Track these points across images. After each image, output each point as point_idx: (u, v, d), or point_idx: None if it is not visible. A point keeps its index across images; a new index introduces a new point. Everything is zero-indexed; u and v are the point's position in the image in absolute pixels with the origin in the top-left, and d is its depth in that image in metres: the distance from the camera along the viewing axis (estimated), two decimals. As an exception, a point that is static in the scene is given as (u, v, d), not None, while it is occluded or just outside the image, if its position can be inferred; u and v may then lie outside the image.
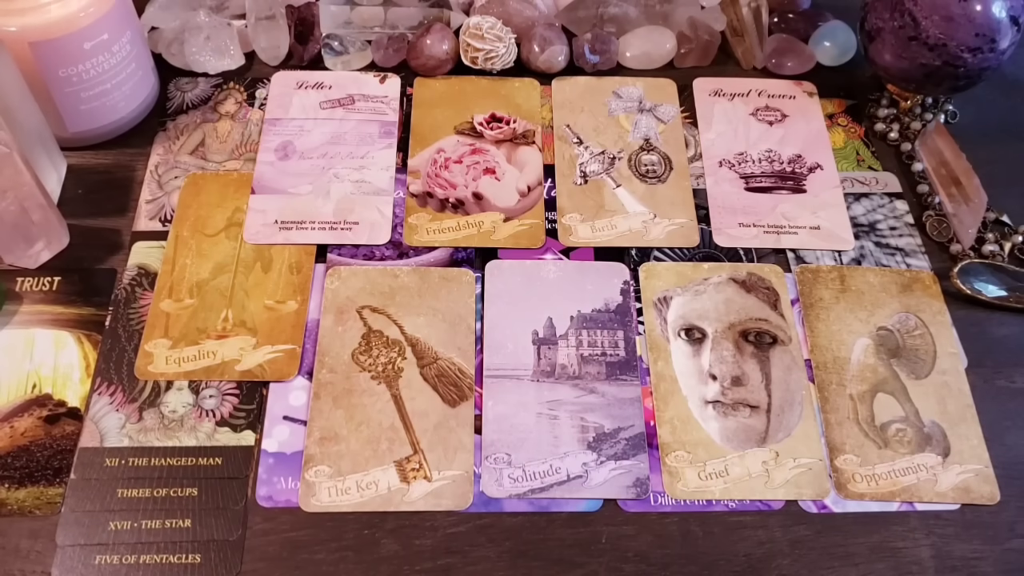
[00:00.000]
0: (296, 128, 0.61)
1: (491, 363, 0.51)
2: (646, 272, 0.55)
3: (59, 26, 0.52)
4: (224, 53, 0.64)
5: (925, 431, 0.50)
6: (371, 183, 0.59)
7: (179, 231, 0.56)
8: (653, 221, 0.58)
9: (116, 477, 0.47)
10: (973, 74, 0.58)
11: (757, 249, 0.57)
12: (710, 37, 0.67)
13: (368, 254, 0.56)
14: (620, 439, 0.49)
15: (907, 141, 0.63)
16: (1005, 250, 0.58)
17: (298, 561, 0.45)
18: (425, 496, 0.47)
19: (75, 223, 0.55)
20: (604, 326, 0.53)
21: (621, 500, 0.47)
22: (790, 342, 0.53)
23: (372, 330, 0.52)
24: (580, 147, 0.62)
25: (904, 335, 0.53)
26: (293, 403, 0.49)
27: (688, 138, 0.63)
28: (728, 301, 0.54)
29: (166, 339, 0.51)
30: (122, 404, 0.49)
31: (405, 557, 0.45)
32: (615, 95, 0.65)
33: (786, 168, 0.61)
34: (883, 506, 0.48)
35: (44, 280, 0.53)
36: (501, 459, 0.48)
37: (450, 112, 0.63)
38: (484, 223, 0.57)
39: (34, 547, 0.44)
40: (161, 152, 0.60)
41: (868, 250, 0.58)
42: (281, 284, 0.54)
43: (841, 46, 0.67)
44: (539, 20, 0.66)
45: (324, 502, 0.46)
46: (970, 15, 0.56)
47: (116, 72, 0.56)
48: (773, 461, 0.48)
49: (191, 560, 0.44)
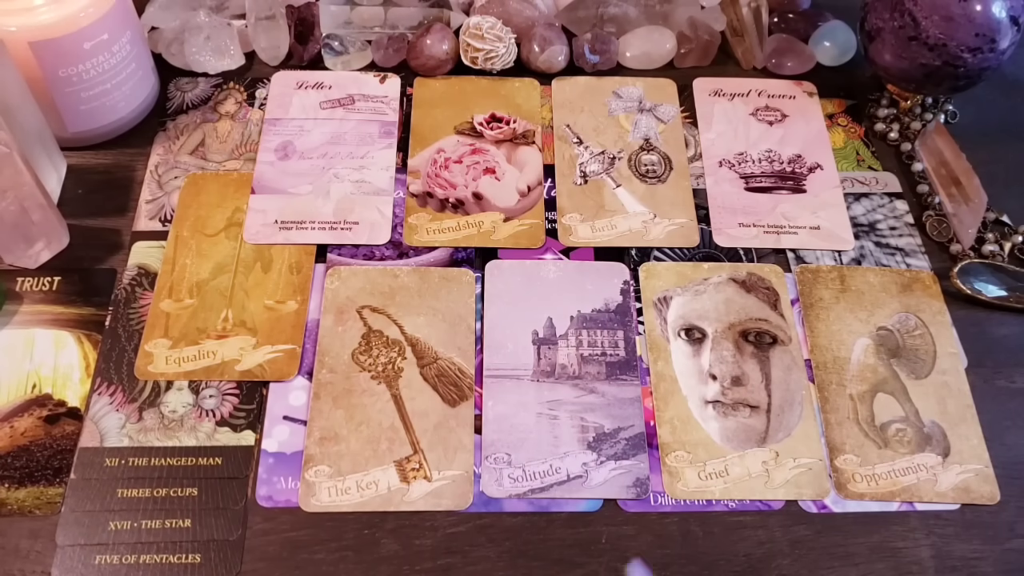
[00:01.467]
0: (296, 128, 0.61)
1: (491, 363, 0.51)
2: (646, 272, 0.55)
3: (59, 26, 0.52)
4: (224, 53, 0.64)
5: (925, 431, 0.50)
6: (371, 183, 0.59)
7: (179, 231, 0.56)
8: (653, 221, 0.58)
9: (116, 477, 0.47)
10: (973, 74, 0.58)
11: (757, 249, 0.57)
12: (710, 37, 0.67)
13: (368, 254, 0.56)
14: (620, 439, 0.49)
15: (907, 141, 0.63)
16: (1005, 250, 0.58)
17: (298, 561, 0.45)
18: (425, 496, 0.47)
19: (75, 223, 0.55)
20: (604, 326, 0.53)
21: (621, 500, 0.47)
22: (790, 342, 0.53)
23: (372, 330, 0.52)
24: (580, 147, 0.62)
25: (904, 335, 0.53)
26: (293, 403, 0.49)
27: (688, 138, 0.63)
28: (728, 301, 0.54)
29: (166, 339, 0.51)
30: (122, 404, 0.49)
31: (405, 557, 0.45)
32: (615, 95, 0.65)
33: (786, 168, 0.61)
34: (883, 506, 0.48)
35: (44, 280, 0.53)
36: (501, 459, 0.48)
37: (450, 112, 0.63)
38: (484, 223, 0.57)
39: (34, 547, 0.44)
40: (161, 152, 0.60)
41: (868, 250, 0.58)
42: (281, 284, 0.54)
43: (841, 46, 0.67)
44: (539, 20, 0.66)
45: (324, 502, 0.46)
46: (970, 15, 0.56)
47: (116, 72, 0.56)
48: (773, 461, 0.48)
49: (191, 560, 0.44)
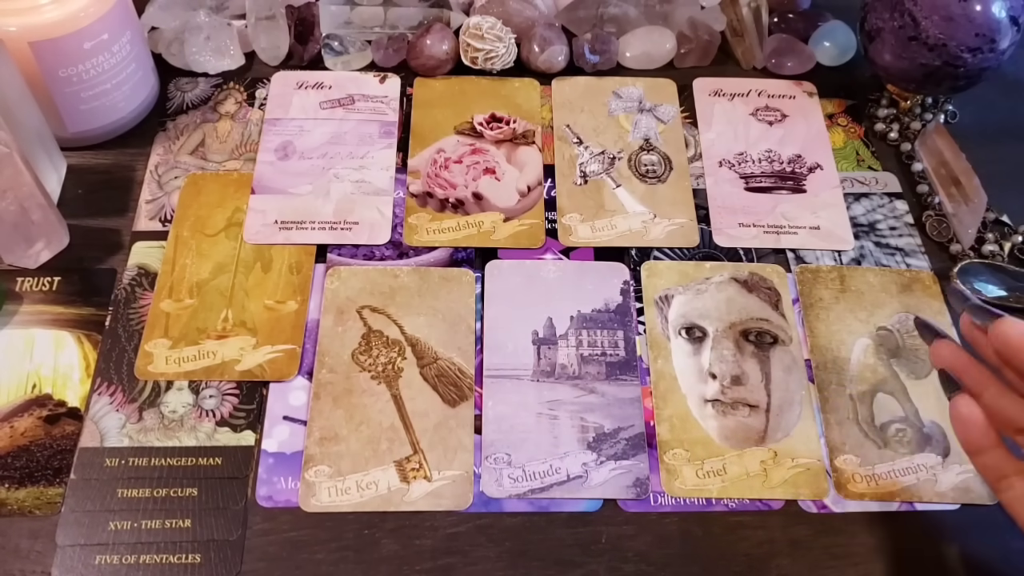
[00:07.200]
0: (296, 128, 0.61)
1: (491, 363, 0.51)
2: (648, 271, 0.55)
3: (59, 26, 0.52)
4: (224, 53, 0.64)
5: (925, 431, 0.50)
6: (371, 183, 0.59)
7: (179, 231, 0.56)
8: (653, 221, 0.58)
9: (116, 477, 0.47)
10: (973, 74, 0.58)
11: (757, 249, 0.57)
12: (710, 37, 0.67)
13: (368, 254, 0.56)
14: (620, 439, 0.49)
15: (907, 141, 0.63)
16: (1005, 250, 0.57)
17: (298, 561, 0.45)
18: (425, 496, 0.47)
19: (75, 223, 0.55)
20: (604, 326, 0.53)
21: (621, 500, 0.47)
22: (791, 342, 0.53)
23: (372, 330, 0.52)
24: (580, 147, 0.62)
25: (904, 335, 0.53)
26: (293, 403, 0.49)
27: (688, 138, 0.63)
28: (729, 300, 0.54)
29: (166, 339, 0.51)
30: (122, 404, 0.49)
31: (405, 557, 0.45)
32: (615, 95, 0.65)
33: (786, 168, 0.61)
34: (883, 506, 0.48)
35: (44, 280, 0.53)
36: (501, 459, 0.48)
37: (450, 112, 0.63)
38: (484, 223, 0.57)
39: (34, 547, 0.44)
40: (161, 152, 0.60)
41: (868, 250, 0.58)
42: (281, 284, 0.54)
43: (841, 46, 0.67)
44: (539, 20, 0.66)
45: (324, 502, 0.46)
46: (970, 15, 0.56)
47: (116, 72, 0.56)
48: (771, 461, 0.48)
49: (191, 560, 0.44)
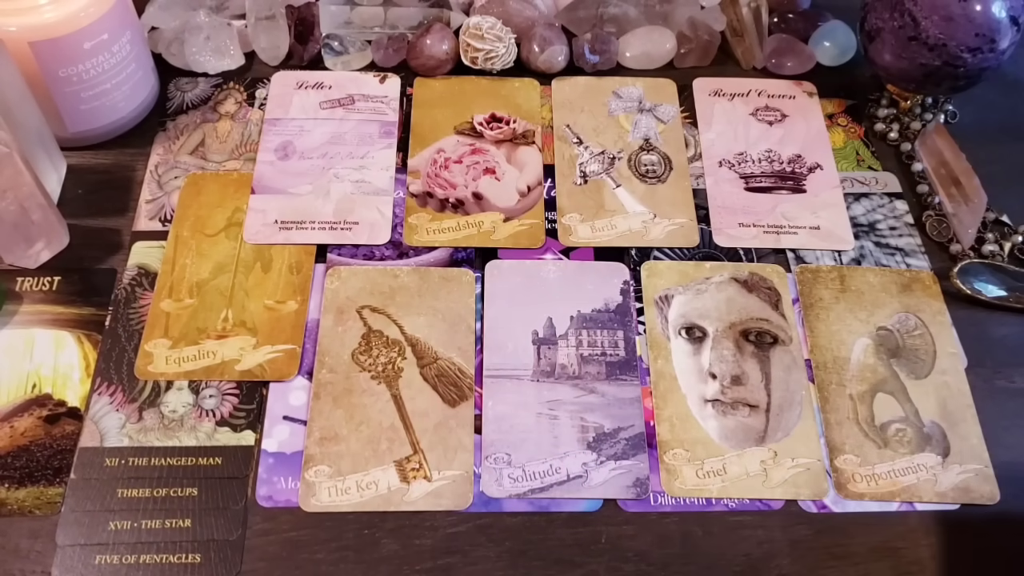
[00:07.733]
0: (296, 128, 0.61)
1: (491, 363, 0.51)
2: (648, 271, 0.55)
3: (59, 26, 0.52)
4: (224, 53, 0.64)
5: (925, 431, 0.50)
6: (371, 183, 0.59)
7: (179, 231, 0.56)
8: (653, 221, 0.58)
9: (116, 477, 0.47)
10: (973, 74, 0.58)
11: (757, 249, 0.57)
12: (710, 37, 0.67)
13: (368, 254, 0.56)
14: (620, 439, 0.49)
15: (907, 141, 0.63)
16: (1005, 250, 0.57)
17: (298, 561, 0.45)
18: (425, 496, 0.47)
19: (75, 223, 0.55)
20: (604, 326, 0.53)
21: (621, 500, 0.47)
22: (791, 342, 0.53)
23: (372, 330, 0.52)
24: (580, 147, 0.62)
25: (904, 335, 0.53)
26: (293, 403, 0.49)
27: (688, 138, 0.63)
28: (730, 300, 0.54)
29: (166, 339, 0.51)
30: (122, 404, 0.49)
31: (405, 557, 0.45)
32: (615, 95, 0.65)
33: (786, 168, 0.61)
34: (883, 506, 0.48)
35: (44, 280, 0.53)
36: (501, 459, 0.48)
37: (450, 112, 0.63)
38: (484, 223, 0.57)
39: (34, 547, 0.44)
40: (161, 152, 0.60)
41: (868, 250, 0.58)
42: (281, 284, 0.54)
43: (841, 46, 0.67)
44: (539, 20, 0.66)
45: (324, 502, 0.46)
46: (970, 15, 0.56)
47: (116, 72, 0.56)
48: (771, 460, 0.48)
49: (191, 560, 0.44)
